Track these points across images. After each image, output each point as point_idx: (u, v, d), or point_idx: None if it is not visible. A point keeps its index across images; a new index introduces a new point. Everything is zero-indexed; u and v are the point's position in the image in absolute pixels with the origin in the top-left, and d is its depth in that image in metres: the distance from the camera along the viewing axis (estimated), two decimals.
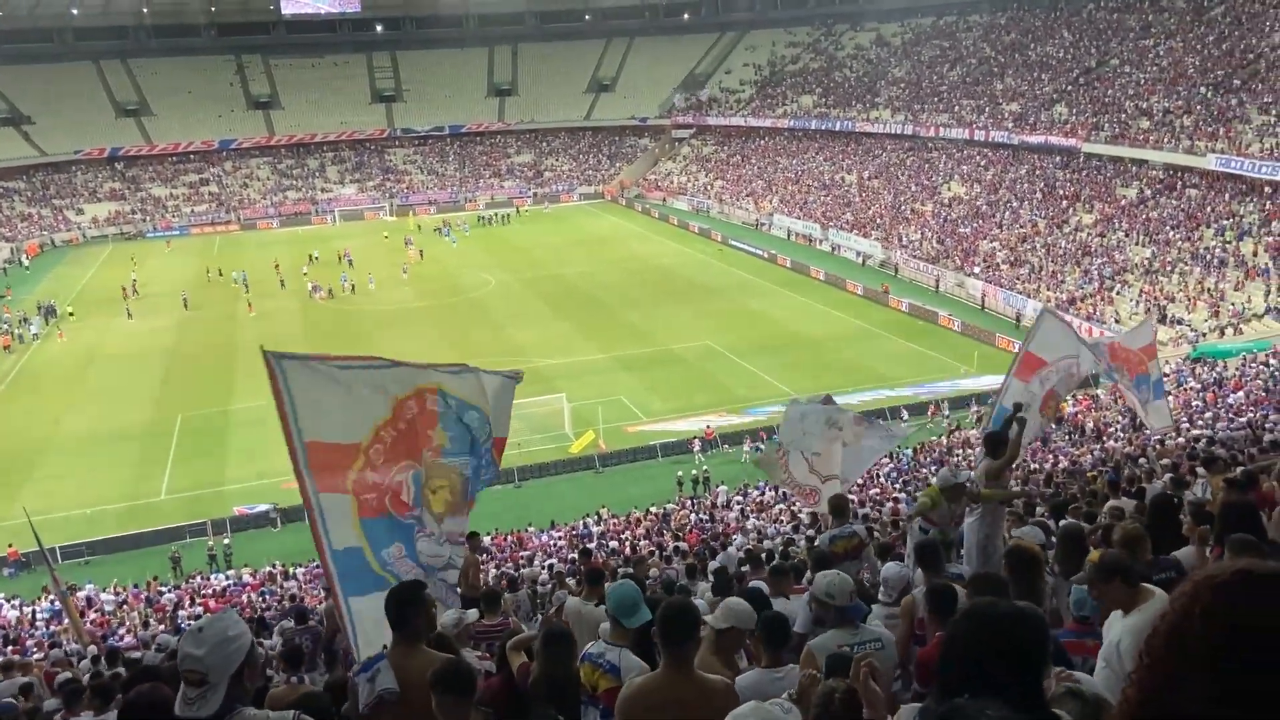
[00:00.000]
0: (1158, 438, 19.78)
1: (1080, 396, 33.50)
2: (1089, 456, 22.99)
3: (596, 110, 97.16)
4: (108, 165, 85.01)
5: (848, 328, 46.12)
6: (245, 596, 22.23)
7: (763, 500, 25.91)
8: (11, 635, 19.01)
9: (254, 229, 79.91)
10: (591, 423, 35.21)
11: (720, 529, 22.54)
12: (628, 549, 21.83)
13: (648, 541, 22.54)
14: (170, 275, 61.92)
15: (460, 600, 7.51)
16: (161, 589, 24.22)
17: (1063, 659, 4.53)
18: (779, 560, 10.06)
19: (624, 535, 24.26)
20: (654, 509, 27.05)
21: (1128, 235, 46.67)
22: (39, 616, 21.71)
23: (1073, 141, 55.21)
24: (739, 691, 4.42)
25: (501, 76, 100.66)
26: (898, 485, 24.66)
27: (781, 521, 21.94)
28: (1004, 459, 9.22)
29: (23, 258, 69.72)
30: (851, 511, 12.44)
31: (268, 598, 21.41)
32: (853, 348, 43.28)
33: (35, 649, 16.71)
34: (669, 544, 20.70)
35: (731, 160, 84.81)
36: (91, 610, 21.78)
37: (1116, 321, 40.43)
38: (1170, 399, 22.74)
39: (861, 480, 22.70)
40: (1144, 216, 47.54)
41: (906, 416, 34.30)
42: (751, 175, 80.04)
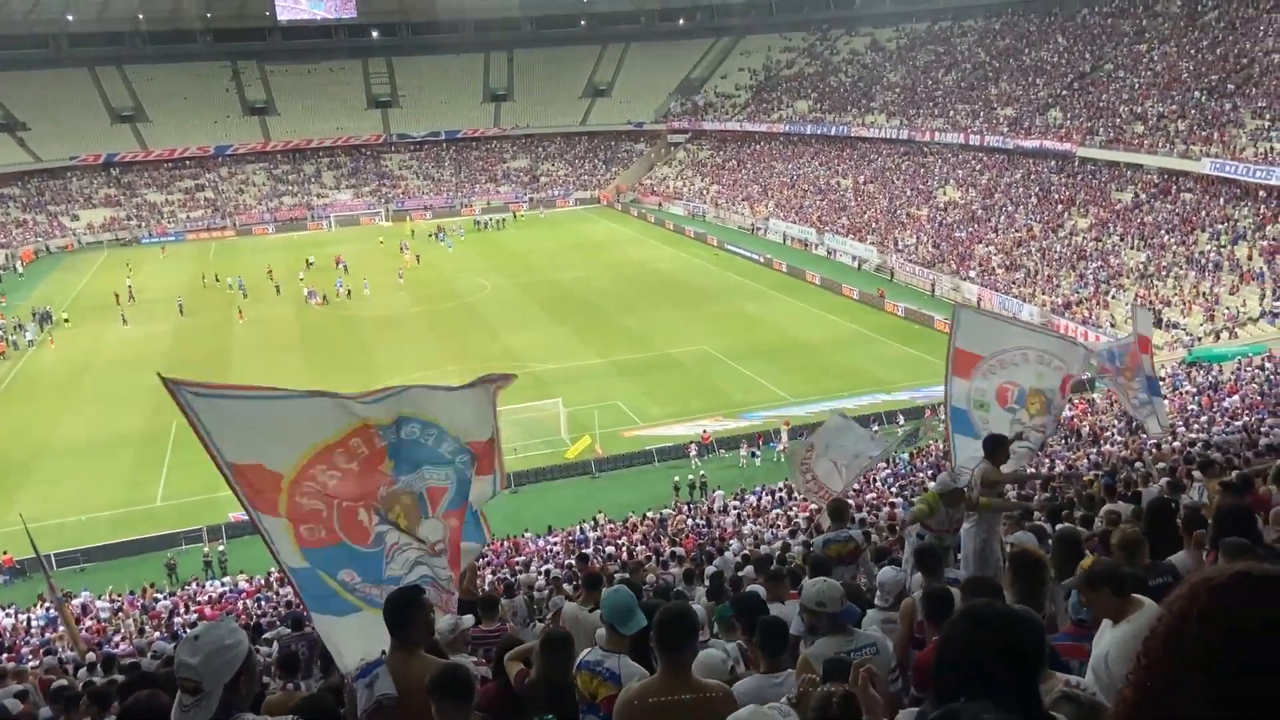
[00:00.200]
0: (1154, 442, 19.81)
1: (1076, 401, 33.55)
2: (1085, 460, 23.02)
3: (592, 115, 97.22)
4: (103, 171, 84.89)
5: (844, 332, 46.16)
6: (241, 603, 22.16)
7: (759, 505, 25.92)
8: (6, 643, 18.94)
9: (250, 235, 79.89)
10: (588, 428, 35.17)
11: (717, 534, 22.54)
12: (624, 554, 21.81)
13: (644, 547, 22.52)
14: (166, 281, 61.80)
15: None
16: (157, 596, 24.16)
17: (1057, 663, 4.53)
18: (775, 565, 10.07)
19: (621, 541, 24.23)
20: (650, 514, 27.02)
21: (1123, 239, 46.76)
22: (34, 624, 21.65)
23: (1067, 146, 55.34)
24: (738, 697, 4.42)
25: (497, 82, 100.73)
26: (894, 490, 24.68)
27: (778, 526, 21.94)
28: (1005, 477, 9.22)
29: (17, 264, 69.53)
30: (849, 516, 12.44)
31: (264, 604, 21.35)
32: (849, 352, 43.31)
33: (30, 656, 16.65)
34: (666, 549, 20.70)
35: (727, 165, 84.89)
36: (87, 617, 21.73)
37: (1112, 325, 40.49)
38: (1166, 402, 22.80)
39: (858, 485, 22.74)
40: (1139, 221, 47.64)
41: (903, 421, 34.33)
42: (747, 180, 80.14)
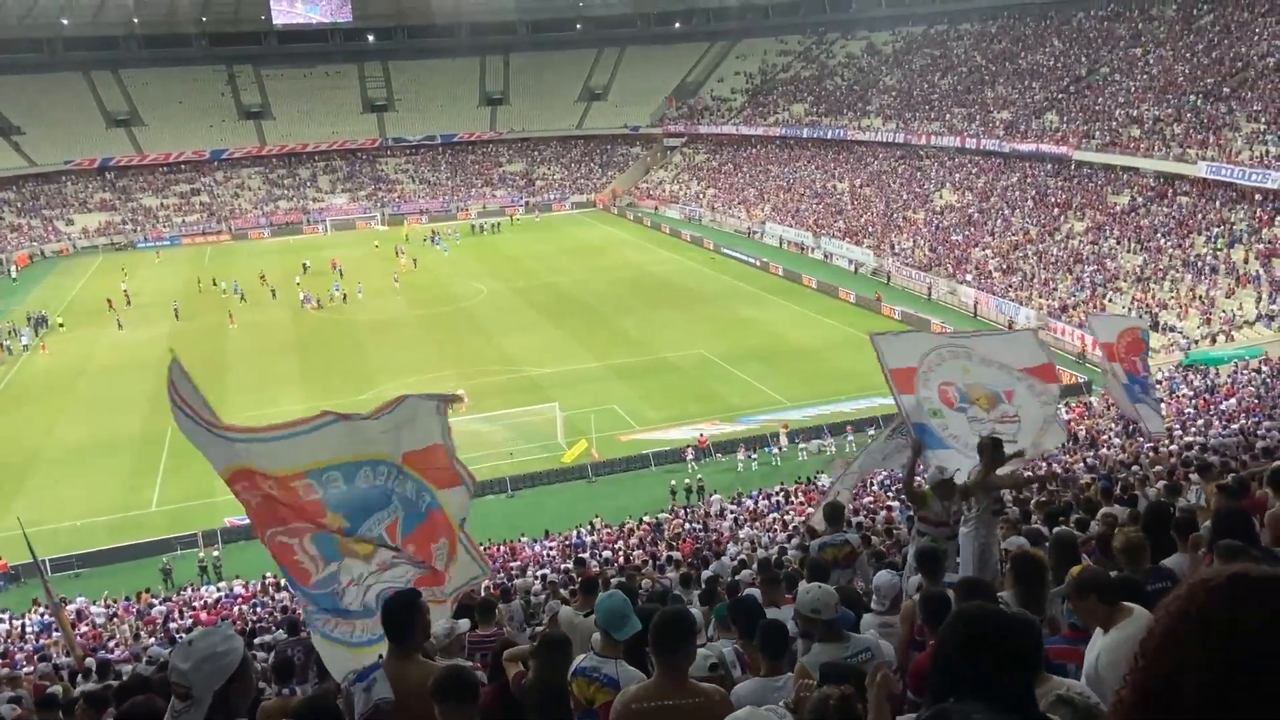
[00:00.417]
0: (1151, 445, 19.82)
1: (1074, 404, 33.57)
2: (1081, 464, 23.03)
3: (588, 119, 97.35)
4: (98, 176, 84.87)
5: (840, 335, 46.12)
6: (237, 608, 22.12)
7: (756, 509, 25.90)
8: (1, 649, 18.88)
9: (245, 239, 79.91)
10: (584, 432, 35.15)
11: (714, 538, 22.52)
12: (621, 559, 21.78)
13: (641, 551, 22.49)
14: (161, 286, 61.71)
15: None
16: (152, 601, 24.09)
17: (1050, 667, 4.52)
18: (770, 570, 10.04)
19: (617, 545, 24.21)
20: (647, 518, 26.99)
21: (1119, 243, 46.83)
22: (29, 630, 21.58)
23: (1064, 149, 55.43)
24: (738, 700, 4.41)
25: (493, 86, 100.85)
26: (891, 493, 24.66)
27: (775, 530, 21.93)
28: (1005, 478, 9.22)
29: (12, 269, 69.48)
30: (845, 520, 12.42)
31: (259, 609, 21.30)
32: (845, 355, 43.23)
33: (25, 663, 16.60)
34: (662, 553, 20.68)
35: (723, 168, 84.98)
36: (82, 623, 21.67)
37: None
38: (1163, 405, 22.82)
39: (855, 489, 22.71)
40: (1135, 224, 47.73)
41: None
42: (743, 183, 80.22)
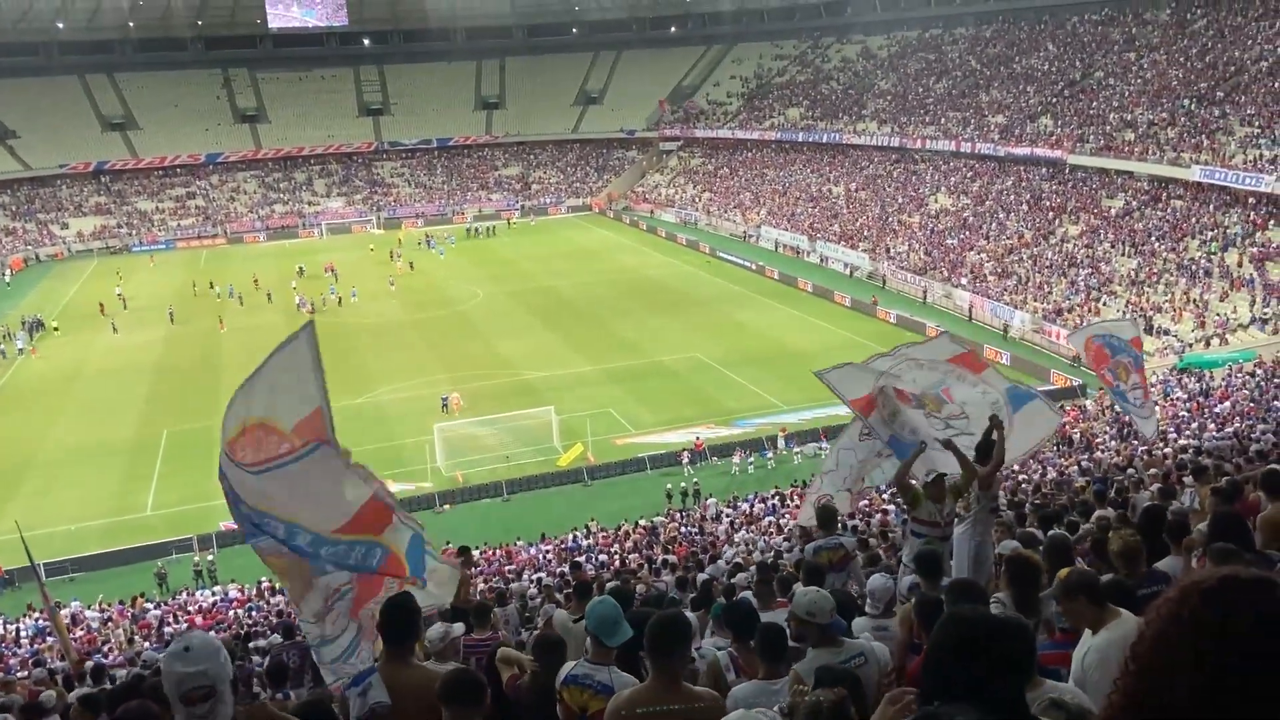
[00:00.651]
0: (1145, 448, 19.85)
1: (1069, 407, 33.60)
2: (1076, 467, 23.05)
3: (584, 123, 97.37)
4: (93, 179, 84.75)
5: (836, 339, 46.14)
6: (232, 612, 22.07)
7: (752, 512, 25.90)
8: None
9: (240, 243, 79.79)
10: (580, 435, 35.15)
11: (709, 541, 22.51)
12: (617, 562, 21.77)
13: (637, 555, 22.47)
14: (156, 289, 61.64)
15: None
16: (147, 605, 24.02)
17: (1042, 670, 4.52)
18: (765, 573, 10.03)
19: (613, 549, 24.19)
20: (643, 522, 26.98)
21: (1114, 246, 46.93)
22: (23, 634, 21.50)
23: (1058, 153, 55.55)
24: (736, 703, 4.41)
25: (489, 89, 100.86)
26: (885, 496, 24.62)
27: (771, 533, 21.93)
28: (991, 464, 9.20)
29: (6, 273, 69.32)
30: (840, 523, 12.43)
31: (254, 614, 21.25)
32: (841, 359, 43.00)
33: (19, 668, 16.54)
34: (658, 557, 20.66)
35: (719, 172, 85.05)
36: (77, 627, 21.60)
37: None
38: (1158, 409, 22.85)
39: (855, 494, 22.64)
40: (1129, 228, 47.82)
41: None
42: (739, 187, 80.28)
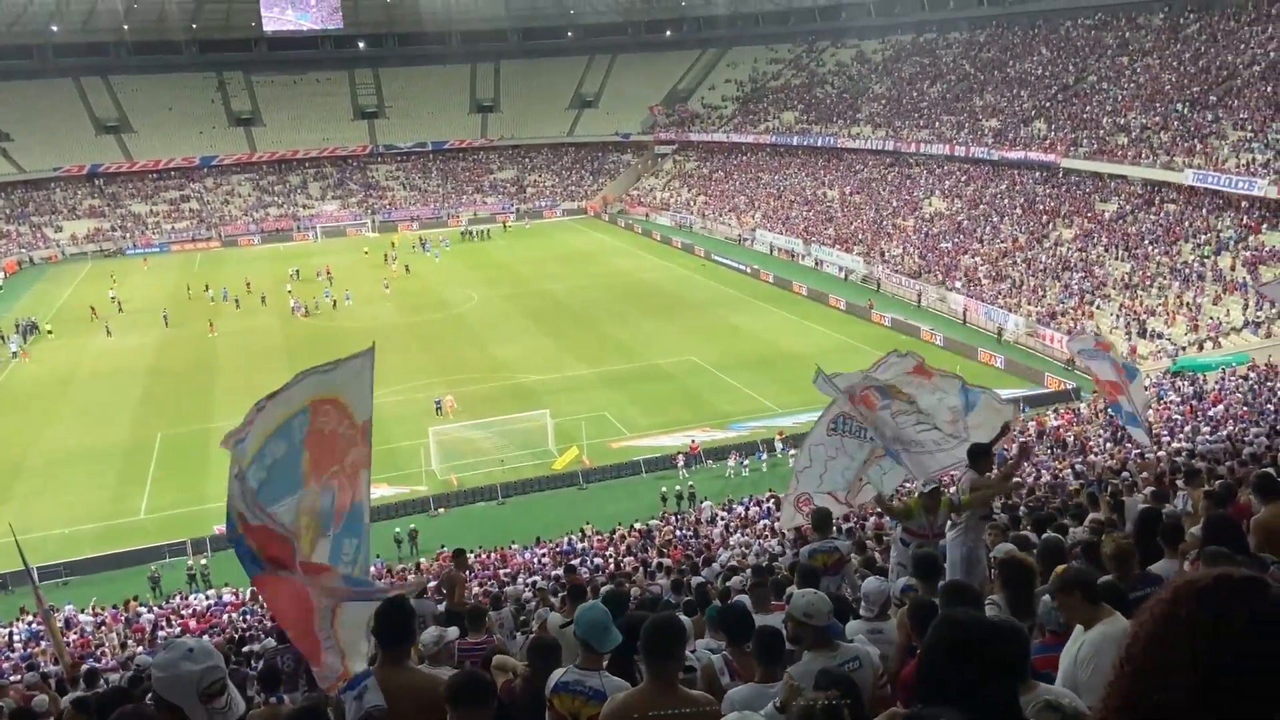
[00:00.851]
0: (1138, 451, 19.90)
1: (1062, 410, 33.70)
2: (1070, 470, 23.10)
3: (579, 126, 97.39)
4: (87, 182, 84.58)
5: (831, 342, 46.19)
6: (226, 616, 22.01)
7: (747, 515, 25.90)
8: None
9: (235, 246, 79.62)
10: (575, 439, 35.14)
11: (704, 545, 22.50)
12: (612, 566, 21.76)
13: (632, 558, 22.46)
14: (150, 293, 61.53)
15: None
16: (140, 609, 23.97)
17: (1033, 673, 4.53)
18: (760, 575, 10.04)
19: (608, 552, 24.19)
20: (638, 525, 26.97)
21: (1107, 250, 47.04)
22: (16, 639, 21.43)
23: (1052, 157, 55.68)
24: (733, 705, 4.43)
25: (484, 93, 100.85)
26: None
27: (766, 537, 21.92)
28: (997, 479, 9.24)
29: None
30: (835, 526, 12.45)
31: (248, 617, 21.20)
32: (836, 362, 42.90)
33: (11, 672, 16.49)
34: (653, 560, 20.65)
35: (714, 176, 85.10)
36: (71, 631, 21.54)
37: (1096, 336, 40.66)
38: (1150, 412, 22.90)
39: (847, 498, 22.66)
40: (1123, 231, 47.94)
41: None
42: (734, 191, 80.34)
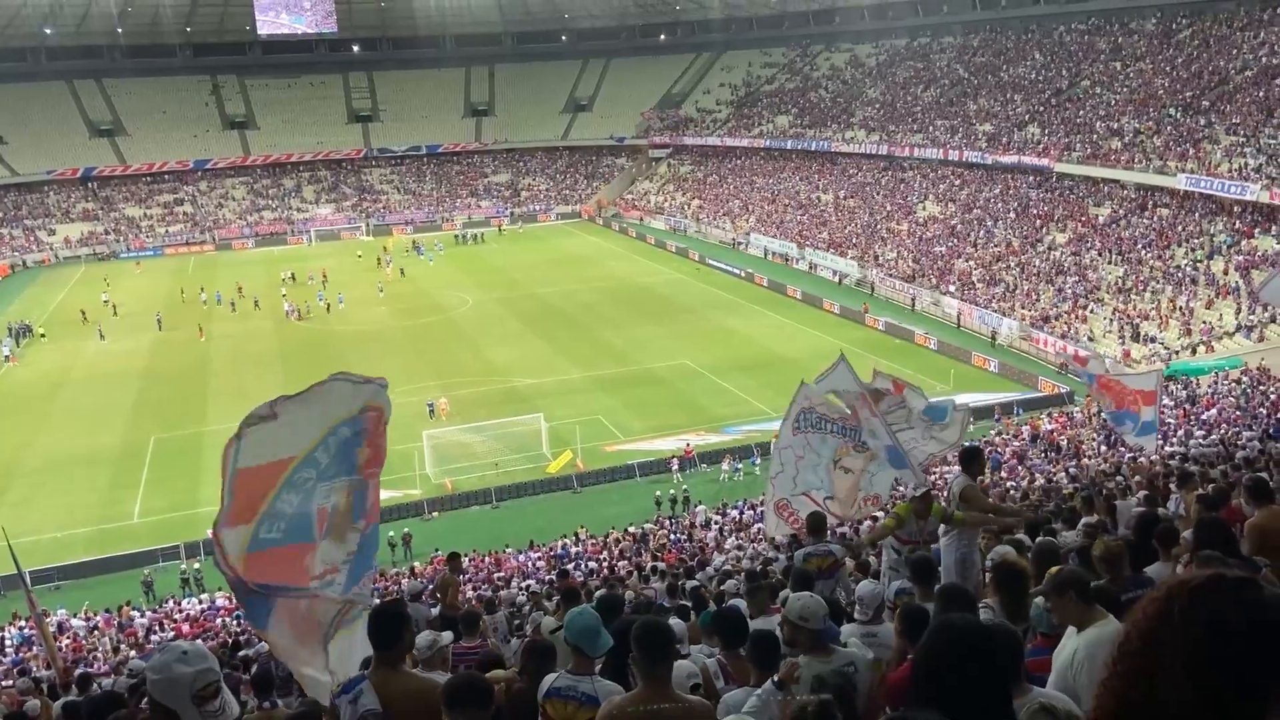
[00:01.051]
0: (1131, 455, 19.95)
1: (1056, 414, 33.79)
2: (1064, 474, 23.16)
3: (573, 130, 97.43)
4: (81, 185, 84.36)
5: (825, 346, 46.09)
6: (219, 620, 21.95)
7: (741, 519, 25.89)
8: None
9: (229, 249, 79.51)
10: (569, 442, 35.11)
11: (698, 548, 22.50)
12: (606, 570, 21.75)
13: (626, 562, 22.45)
14: (143, 296, 61.37)
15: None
16: (133, 614, 23.90)
17: (1027, 677, 4.53)
18: (755, 579, 10.04)
19: (602, 556, 24.18)
20: (632, 529, 26.96)
21: (1100, 254, 47.16)
22: (8, 643, 21.36)
23: (1045, 161, 55.82)
24: (728, 708, 4.44)
25: (478, 97, 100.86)
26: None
27: (760, 541, 21.91)
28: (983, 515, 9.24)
29: None
30: (829, 530, 12.42)
31: (242, 621, 21.12)
32: (831, 365, 43.33)
33: (3, 676, 16.44)
34: (647, 564, 20.65)
35: (708, 180, 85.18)
36: (63, 636, 21.47)
37: (1090, 339, 40.83)
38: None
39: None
40: (1116, 235, 48.07)
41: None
42: (728, 194, 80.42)
